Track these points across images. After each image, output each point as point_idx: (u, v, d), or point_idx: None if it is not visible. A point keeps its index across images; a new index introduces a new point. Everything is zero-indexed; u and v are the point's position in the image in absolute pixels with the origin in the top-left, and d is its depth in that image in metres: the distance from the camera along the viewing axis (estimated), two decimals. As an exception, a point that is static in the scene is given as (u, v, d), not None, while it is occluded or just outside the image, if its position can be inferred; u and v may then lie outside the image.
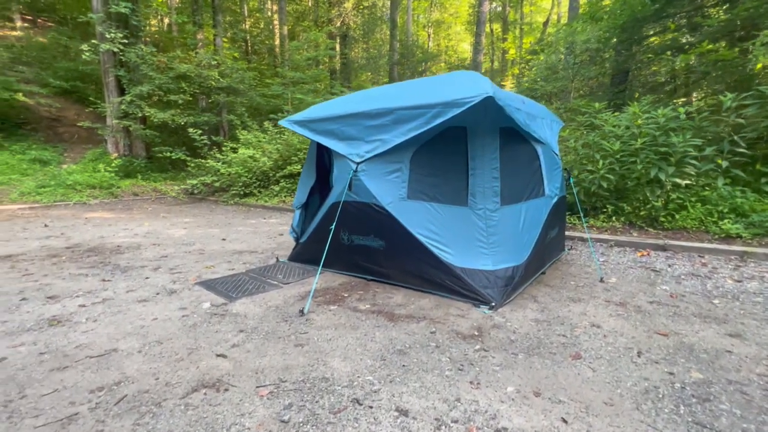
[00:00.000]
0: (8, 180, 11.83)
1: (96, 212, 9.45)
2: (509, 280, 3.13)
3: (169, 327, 2.66)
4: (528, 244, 3.35)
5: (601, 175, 5.64)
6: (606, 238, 5.13)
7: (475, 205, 3.20)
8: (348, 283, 3.67)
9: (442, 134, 3.29)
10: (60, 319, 2.80)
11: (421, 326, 2.67)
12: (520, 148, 3.44)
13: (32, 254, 4.93)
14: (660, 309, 2.98)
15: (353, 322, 2.74)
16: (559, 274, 3.94)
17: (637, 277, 3.82)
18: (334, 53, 19.11)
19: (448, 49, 37.11)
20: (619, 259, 4.48)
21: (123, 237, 6.16)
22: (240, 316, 2.86)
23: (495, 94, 2.80)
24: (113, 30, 13.19)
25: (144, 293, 3.39)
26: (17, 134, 15.19)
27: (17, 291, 3.44)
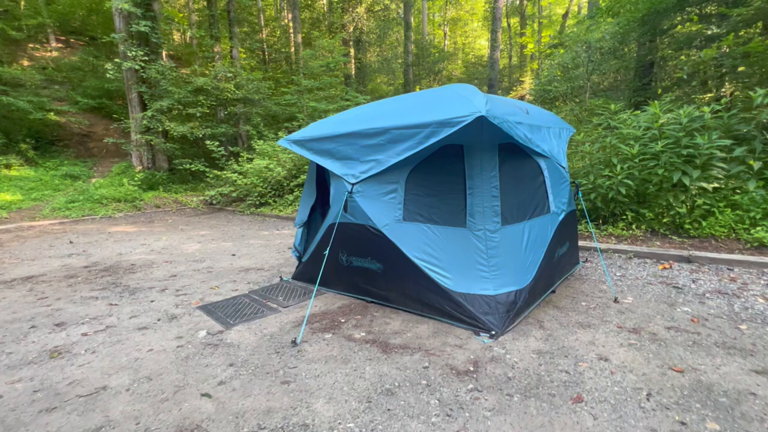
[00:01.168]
0: (41, 196, 12.47)
1: (119, 226, 9.79)
2: (512, 305, 2.97)
3: (162, 360, 2.66)
4: (532, 266, 3.17)
5: (620, 181, 5.33)
6: (625, 249, 4.84)
7: (474, 225, 3.06)
8: (347, 305, 3.60)
9: (439, 153, 3.17)
10: (61, 351, 2.86)
11: (415, 359, 2.56)
12: (521, 164, 3.26)
13: (52, 275, 5.12)
14: (678, 337, 2.74)
15: (345, 354, 2.66)
16: (570, 292, 3.72)
17: (656, 295, 3.55)
18: (347, 59, 19.14)
19: (465, 47, 36.61)
20: (638, 273, 4.20)
21: (139, 254, 6.33)
22: (233, 347, 2.84)
23: (489, 112, 2.65)
24: (134, 48, 13.68)
25: (146, 319, 3.43)
26: (51, 151, 16.04)
27: (29, 317, 3.56)
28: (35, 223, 10.23)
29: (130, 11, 13.79)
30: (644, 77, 10.54)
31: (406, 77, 24.26)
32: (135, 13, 13.86)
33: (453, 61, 32.43)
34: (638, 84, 10.54)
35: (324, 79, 15.71)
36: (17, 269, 5.49)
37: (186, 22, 23.34)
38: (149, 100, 14.19)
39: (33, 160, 14.67)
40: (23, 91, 14.89)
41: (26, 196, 12.10)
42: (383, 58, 24.13)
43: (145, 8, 14.28)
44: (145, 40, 14.32)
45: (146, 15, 14.19)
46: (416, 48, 25.83)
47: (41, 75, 16.54)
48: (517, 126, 2.97)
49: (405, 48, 23.95)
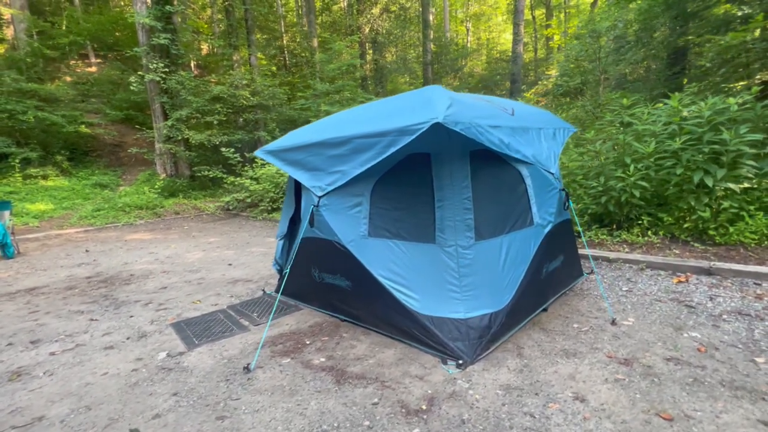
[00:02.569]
0: (72, 205, 13.16)
1: (138, 233, 10.12)
2: (485, 330, 2.67)
3: (110, 386, 2.58)
4: (511, 285, 2.85)
5: (633, 182, 4.83)
6: (636, 259, 4.36)
7: (444, 241, 2.78)
8: (319, 324, 3.41)
9: (405, 163, 2.92)
10: (22, 372, 2.84)
11: (367, 393, 2.33)
12: (499, 173, 2.94)
13: (54, 286, 5.27)
14: (677, 371, 2.35)
15: (296, 385, 2.47)
16: (564, 311, 3.36)
17: (663, 315, 3.13)
18: (361, 61, 19.00)
19: (489, 42, 35.67)
20: (648, 287, 3.75)
21: (143, 263, 6.44)
22: (186, 372, 2.72)
23: (449, 117, 2.38)
24: (155, 60, 14.18)
25: (117, 337, 3.40)
26: (84, 161, 16.94)
27: (11, 334, 3.62)
28: (62, 232, 10.78)
29: (151, 25, 14.32)
30: (675, 66, 9.71)
31: (425, 76, 23.87)
32: (156, 27, 14.37)
33: (476, 57, 31.66)
34: (668, 74, 9.72)
35: (338, 82, 15.66)
36: (27, 280, 5.71)
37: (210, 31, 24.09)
38: (170, 110, 14.67)
39: (67, 170, 15.51)
40: (58, 106, 15.81)
41: (58, 205, 12.80)
42: (401, 58, 23.84)
43: (165, 21, 14.78)
44: (165, 53, 14.81)
45: (166, 28, 14.67)
46: (436, 46, 25.39)
47: (74, 90, 17.50)
48: (490, 131, 2.67)
49: (423, 46, 23.56)
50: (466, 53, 29.41)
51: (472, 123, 2.55)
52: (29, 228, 11.14)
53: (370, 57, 21.71)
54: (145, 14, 14.32)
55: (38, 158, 14.70)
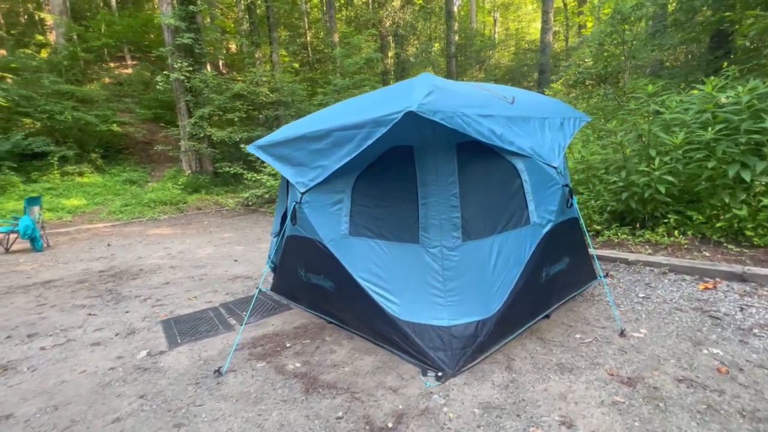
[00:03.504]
0: (103, 200, 13.77)
1: (159, 228, 10.43)
2: (470, 339, 2.44)
3: (83, 385, 2.55)
4: (503, 290, 2.59)
5: (659, 177, 4.38)
6: (659, 261, 3.95)
7: (428, 242, 2.56)
8: (305, 326, 3.28)
9: (387, 157, 2.71)
10: (8, 366, 2.88)
11: (334, 405, 2.16)
12: (490, 167, 2.68)
13: (68, 279, 5.44)
14: (689, 395, 2.04)
15: (263, 392, 2.34)
16: (569, 318, 3.05)
17: (682, 327, 2.77)
18: (380, 55, 18.73)
19: (518, 32, 34.43)
20: (669, 294, 3.36)
21: (155, 258, 6.57)
22: (160, 373, 2.65)
23: (426, 106, 2.16)
24: (180, 60, 14.56)
25: (107, 333, 3.41)
26: (118, 159, 17.72)
27: (13, 326, 3.72)
28: (91, 226, 11.29)
29: (176, 25, 14.69)
30: (717, 50, 8.87)
31: (448, 69, 23.33)
32: (180, 27, 14.73)
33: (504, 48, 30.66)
34: (709, 58, 8.91)
35: (356, 77, 15.51)
36: (46, 273, 5.94)
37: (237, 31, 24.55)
38: (194, 108, 15.04)
39: (101, 167, 16.26)
40: (92, 106, 16.59)
41: (90, 200, 13.43)
42: (423, 51, 23.37)
43: (189, 21, 15.12)
44: (189, 52, 15.17)
45: (190, 28, 15.01)
46: (461, 38, 24.74)
47: (108, 91, 18.31)
48: (478, 120, 2.42)
49: (447, 38, 23.00)
50: (492, 44, 28.52)
51: (456, 112, 2.31)
52: (62, 222, 11.75)
53: (392, 51, 21.40)
54: (170, 15, 14.71)
55: (75, 156, 15.47)
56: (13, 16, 22.63)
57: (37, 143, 14.57)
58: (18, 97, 14.66)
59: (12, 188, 13.37)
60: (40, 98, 15.11)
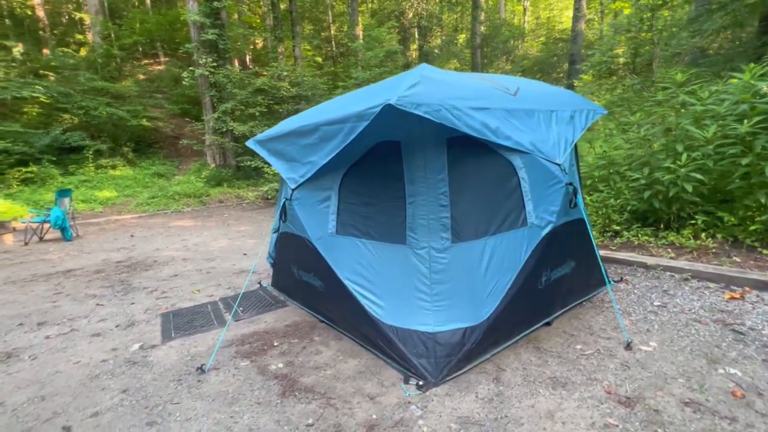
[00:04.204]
0: (133, 192, 14.37)
1: (182, 220, 10.75)
2: (455, 347, 2.30)
3: (74, 377, 2.60)
4: (495, 296, 2.43)
5: (684, 175, 4.03)
6: (680, 267, 3.63)
7: (415, 243, 2.43)
8: (297, 324, 3.23)
9: (375, 153, 2.59)
10: (13, 354, 3.00)
11: (308, 410, 2.09)
12: (485, 164, 2.50)
13: (87, 269, 5.67)
14: (694, 421, 1.82)
15: (240, 392, 2.30)
16: (571, 326, 2.85)
17: (698, 342, 2.51)
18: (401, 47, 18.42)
19: (549, 21, 33.09)
20: (688, 303, 3.07)
21: (171, 250, 6.75)
22: (148, 367, 2.67)
23: (407, 99, 2.02)
24: (204, 56, 14.89)
25: (109, 324, 3.49)
26: (148, 152, 18.42)
27: (27, 314, 3.89)
28: (120, 217, 11.79)
29: (201, 22, 15.02)
30: (766, 34, 8.09)
31: (473, 61, 22.75)
32: (205, 23, 15.04)
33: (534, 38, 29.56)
34: (756, 44, 8.14)
35: (376, 70, 15.34)
36: (70, 262, 6.22)
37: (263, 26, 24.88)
38: (218, 103, 15.37)
39: (132, 161, 16.96)
40: (125, 102, 17.29)
41: (121, 192, 14.04)
42: (447, 42, 22.84)
43: (214, 18, 15.41)
44: (214, 48, 15.48)
45: (214, 24, 15.30)
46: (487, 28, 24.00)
47: (139, 87, 19.01)
48: (470, 114, 2.25)
49: (472, 29, 22.42)
50: (521, 34, 27.51)
51: (444, 105, 2.15)
52: (94, 213, 12.35)
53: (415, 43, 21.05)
54: (195, 11, 15.03)
55: (108, 150, 16.20)
56: (56, 17, 23.88)
57: (74, 138, 15.33)
58: (57, 94, 15.46)
59: (51, 180, 14.16)
60: (77, 95, 15.88)
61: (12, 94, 14.23)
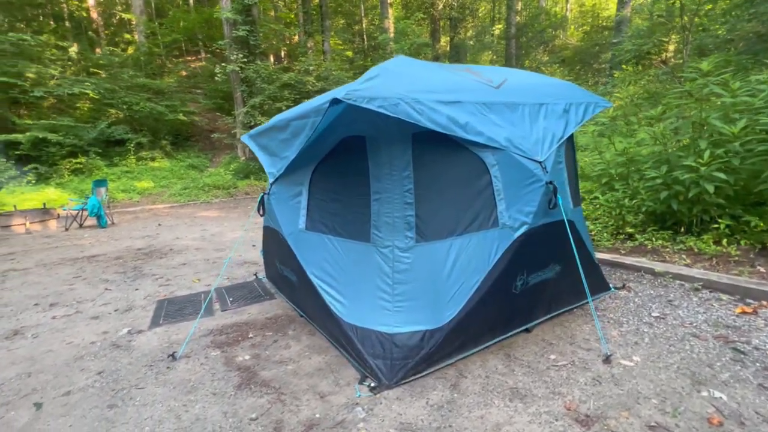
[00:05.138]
0: (168, 183, 15.17)
1: (209, 211, 11.23)
2: (413, 350, 2.22)
3: (62, 356, 2.78)
4: (459, 299, 2.32)
5: (706, 174, 3.66)
6: (692, 275, 3.31)
7: (380, 241, 2.37)
8: (278, 317, 3.27)
9: (342, 148, 2.54)
10: (19, 332, 3.25)
11: (257, 404, 2.10)
12: (453, 160, 2.38)
13: (109, 255, 6.06)
14: (654, 448, 1.65)
15: (201, 382, 2.35)
16: (553, 334, 2.67)
17: (689, 360, 2.27)
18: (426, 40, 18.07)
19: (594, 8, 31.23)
20: (691, 316, 2.79)
21: (189, 239, 7.07)
22: (128, 351, 2.81)
23: (358, 92, 1.96)
24: (236, 52, 15.37)
25: (108, 308, 3.71)
26: (185, 145, 19.36)
27: (44, 294, 4.21)
28: (153, 206, 12.51)
29: (234, 19, 15.49)
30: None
31: (507, 52, 21.97)
32: (237, 20, 15.50)
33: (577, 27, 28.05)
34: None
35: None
36: (97, 248, 6.68)
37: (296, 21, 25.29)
38: (247, 98, 15.85)
39: (170, 153, 17.88)
40: (164, 97, 18.23)
41: (157, 183, 14.88)
42: (479, 34, 22.15)
43: (245, 14, 15.84)
44: (245, 44, 15.93)
45: (246, 20, 15.72)
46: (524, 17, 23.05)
47: (180, 83, 19.96)
48: (434, 108, 2.16)
49: (507, 19, 21.61)
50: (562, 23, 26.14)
51: (405, 98, 2.07)
52: (131, 202, 13.18)
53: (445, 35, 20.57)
54: (228, 9, 15.51)
55: (148, 143, 17.17)
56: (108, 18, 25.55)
57: (118, 131, 16.39)
58: (104, 91, 16.56)
59: (97, 171, 15.24)
60: (121, 91, 16.93)
61: (65, 91, 15.41)
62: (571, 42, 25.22)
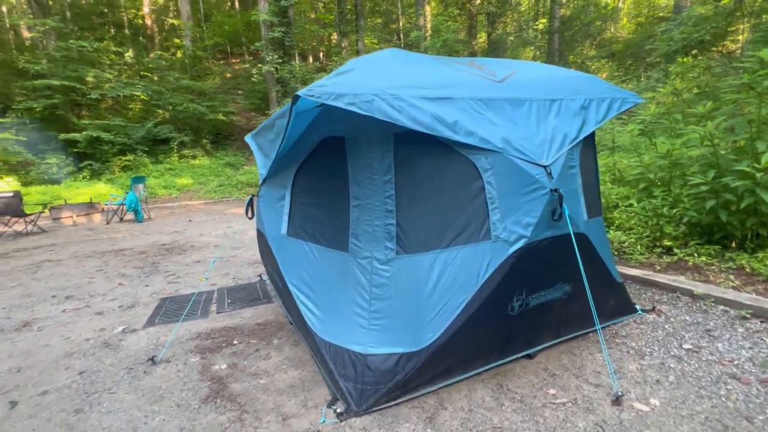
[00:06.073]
0: (206, 180, 15.82)
1: (239, 208, 11.52)
2: (386, 375, 2.00)
3: (55, 352, 2.83)
4: (442, 319, 2.06)
5: (764, 181, 3.11)
6: (739, 301, 2.81)
7: (358, 251, 2.17)
8: (268, 323, 3.16)
9: (323, 149, 2.37)
10: (31, 323, 3.38)
11: (217, 422, 1.97)
12: (440, 164, 2.11)
13: (135, 249, 6.30)
14: None
15: (170, 391, 2.27)
16: (559, 363, 2.34)
17: (721, 408, 1.87)
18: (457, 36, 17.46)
19: (651, -3, 28.98)
20: (734, 350, 2.34)
21: (212, 236, 7.24)
22: (115, 351, 2.80)
23: (325, 89, 1.79)
24: (271, 53, 15.73)
25: (114, 305, 3.78)
26: (224, 144, 20.15)
27: (65, 287, 4.40)
28: (190, 203, 13.06)
29: (270, 21, 15.86)
30: None
31: (549, 47, 20.90)
32: (273, 22, 15.86)
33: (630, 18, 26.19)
34: None
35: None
36: (127, 242, 6.99)
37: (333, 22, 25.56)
38: (281, 98, 16.18)
39: (210, 152, 18.67)
40: (205, 98, 19.07)
41: (195, 180, 15.55)
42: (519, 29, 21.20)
43: (281, 16, 16.17)
44: (280, 45, 16.28)
45: (282, 22, 16.06)
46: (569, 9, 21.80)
47: (217, 84, 20.81)
48: (417, 105, 1.93)
49: (551, 12, 20.53)
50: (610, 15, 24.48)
51: (382, 94, 1.86)
52: (171, 198, 13.85)
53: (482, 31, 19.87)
54: (265, 11, 15.91)
55: (190, 141, 18.03)
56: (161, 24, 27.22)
57: (163, 131, 17.34)
58: (152, 92, 17.59)
59: (143, 168, 16.20)
60: (167, 93, 17.91)
61: (117, 93, 16.53)
62: (622, 35, 23.51)
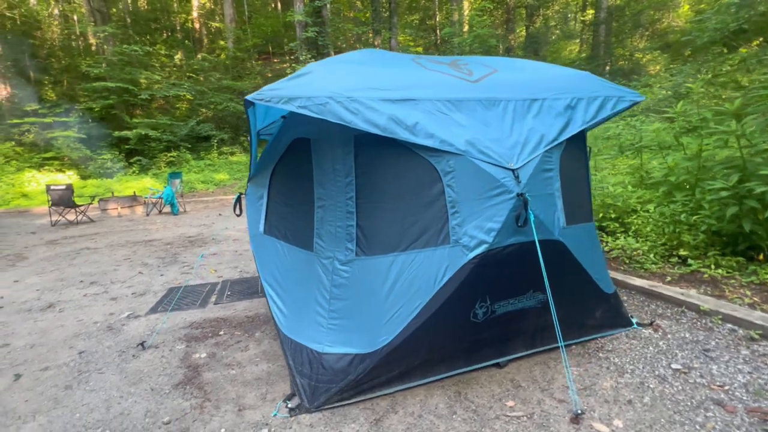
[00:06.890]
0: (241, 176, 16.54)
1: (267, 204, 11.97)
2: (339, 374, 2.02)
3: (66, 332, 3.12)
4: (397, 322, 2.04)
5: (791, 188, 2.78)
6: (750, 320, 2.54)
7: (322, 251, 2.21)
8: (257, 317, 3.28)
9: (294, 150, 2.42)
10: (55, 305, 3.74)
11: (180, 407, 2.09)
12: (401, 167, 2.08)
13: (163, 240, 6.75)
14: None
15: (149, 375, 2.43)
16: (529, 374, 2.25)
17: (696, 428, 1.72)
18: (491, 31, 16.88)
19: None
20: (726, 375, 2.13)
21: (234, 230, 7.57)
22: (117, 334, 3.04)
23: (275, 92, 1.84)
24: (305, 52, 16.13)
25: (128, 291, 4.09)
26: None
27: (93, 273, 4.82)
28: (224, 197, 13.73)
29: (305, 21, 16.26)
30: None
31: (594, 40, 19.82)
32: (307, 22, 16.24)
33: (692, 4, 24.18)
34: None
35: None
36: (158, 233, 7.50)
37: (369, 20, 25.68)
38: (313, 96, 16.52)
39: (247, 149, 19.49)
40: (244, 97, 19.92)
41: (231, 176, 16.33)
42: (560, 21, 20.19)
43: (315, 16, 16.51)
44: (314, 44, 16.64)
45: (316, 22, 16.40)
46: None
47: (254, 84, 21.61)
48: (374, 107, 1.93)
49: (597, 2, 19.41)
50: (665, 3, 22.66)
51: (335, 96, 1.88)
52: (207, 192, 14.64)
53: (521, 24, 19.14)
54: (300, 12, 16.32)
55: (229, 139, 18.95)
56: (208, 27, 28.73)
57: (204, 128, 18.34)
58: (195, 92, 18.65)
59: (186, 163, 17.24)
60: (209, 92, 18.92)
61: (165, 93, 17.70)
62: (678, 24, 21.68)
